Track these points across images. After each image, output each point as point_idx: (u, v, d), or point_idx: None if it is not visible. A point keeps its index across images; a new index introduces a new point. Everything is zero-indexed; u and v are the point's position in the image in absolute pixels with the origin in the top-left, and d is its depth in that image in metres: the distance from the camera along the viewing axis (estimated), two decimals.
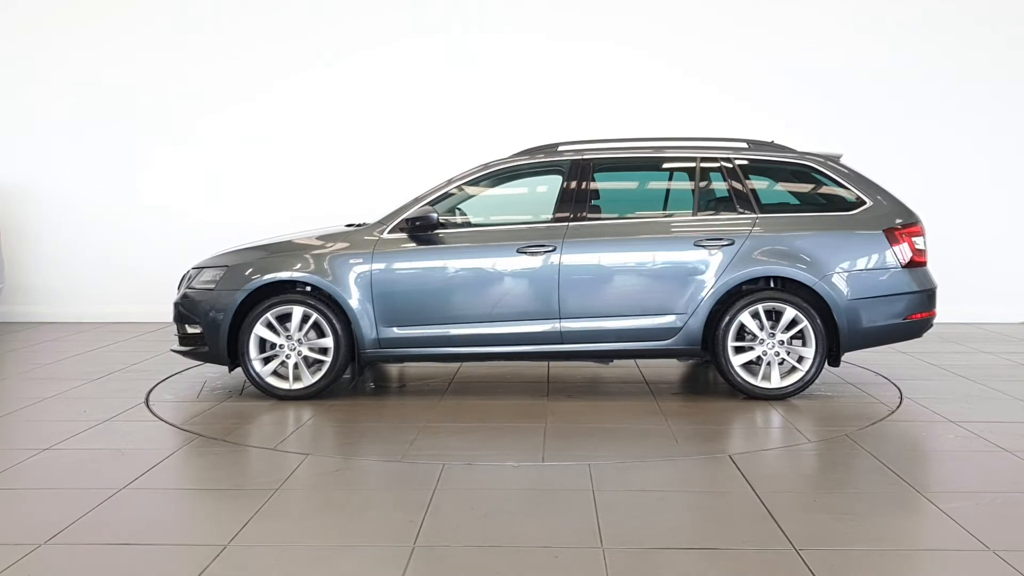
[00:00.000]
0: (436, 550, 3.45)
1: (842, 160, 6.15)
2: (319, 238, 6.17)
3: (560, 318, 5.82)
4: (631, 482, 4.28)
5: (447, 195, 6.09)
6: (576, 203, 5.94)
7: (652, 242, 5.87)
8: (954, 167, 9.41)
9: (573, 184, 5.99)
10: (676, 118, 8.90)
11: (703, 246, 5.78)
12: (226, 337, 5.91)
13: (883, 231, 5.78)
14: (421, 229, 5.90)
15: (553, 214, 5.94)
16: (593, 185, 6.03)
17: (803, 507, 3.91)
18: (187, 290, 6.18)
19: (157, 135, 9.85)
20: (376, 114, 9.72)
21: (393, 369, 7.06)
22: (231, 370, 6.14)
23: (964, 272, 8.91)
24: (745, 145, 6.14)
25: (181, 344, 6.21)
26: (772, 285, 5.84)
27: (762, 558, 3.36)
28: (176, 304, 6.21)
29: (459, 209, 6.35)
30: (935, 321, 6.07)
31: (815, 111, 9.35)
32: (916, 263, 5.81)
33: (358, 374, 6.32)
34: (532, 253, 5.82)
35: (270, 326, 5.91)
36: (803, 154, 6.09)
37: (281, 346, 5.92)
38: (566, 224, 5.87)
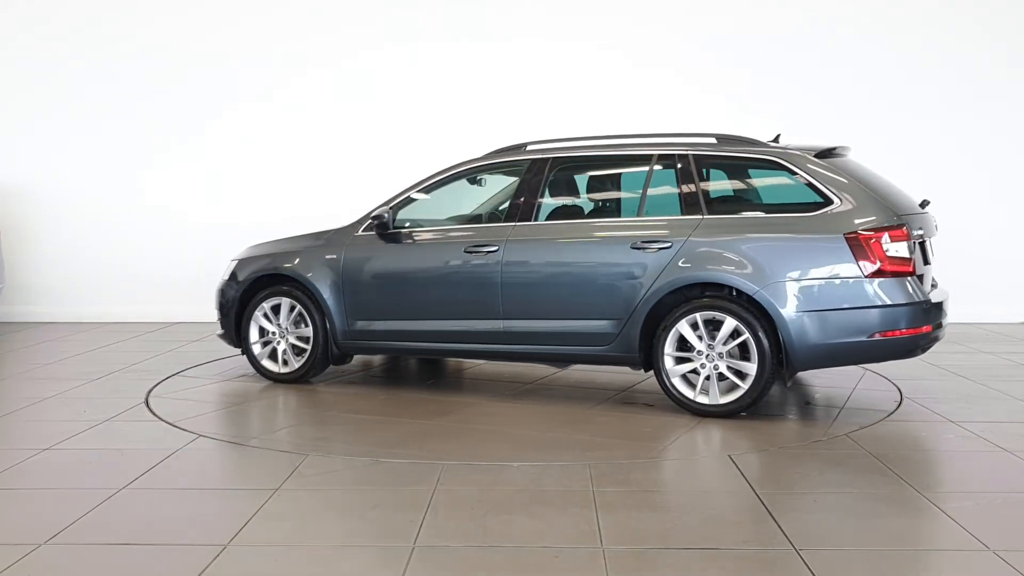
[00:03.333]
0: (436, 550, 3.45)
1: (847, 155, 5.74)
2: (313, 236, 6.52)
3: (503, 318, 5.80)
4: (631, 482, 4.28)
5: (415, 196, 6.24)
6: (525, 203, 5.88)
7: (590, 244, 5.67)
8: (954, 167, 9.40)
9: (525, 185, 5.93)
10: (673, 122, 8.90)
11: (640, 249, 5.45)
12: (234, 323, 6.54)
13: (844, 235, 5.10)
14: (381, 228, 6.15)
15: (505, 214, 5.97)
16: (545, 186, 5.92)
17: (803, 507, 3.91)
18: (221, 280, 6.74)
19: (157, 135, 9.85)
20: (376, 115, 9.72)
21: (452, 364, 7.14)
22: (243, 353, 6.61)
23: (964, 272, 8.90)
24: (714, 141, 5.69)
25: (220, 328, 6.74)
26: (734, 293, 5.31)
27: (762, 558, 3.36)
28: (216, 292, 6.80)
29: (496, 207, 6.40)
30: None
31: (814, 111, 9.33)
32: (887, 272, 5.07)
33: (334, 363, 6.54)
34: (477, 253, 5.84)
35: (267, 315, 6.43)
36: (772, 149, 5.51)
37: (273, 334, 6.45)
38: (512, 225, 5.85)
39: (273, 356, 6.46)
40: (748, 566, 3.29)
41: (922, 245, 5.40)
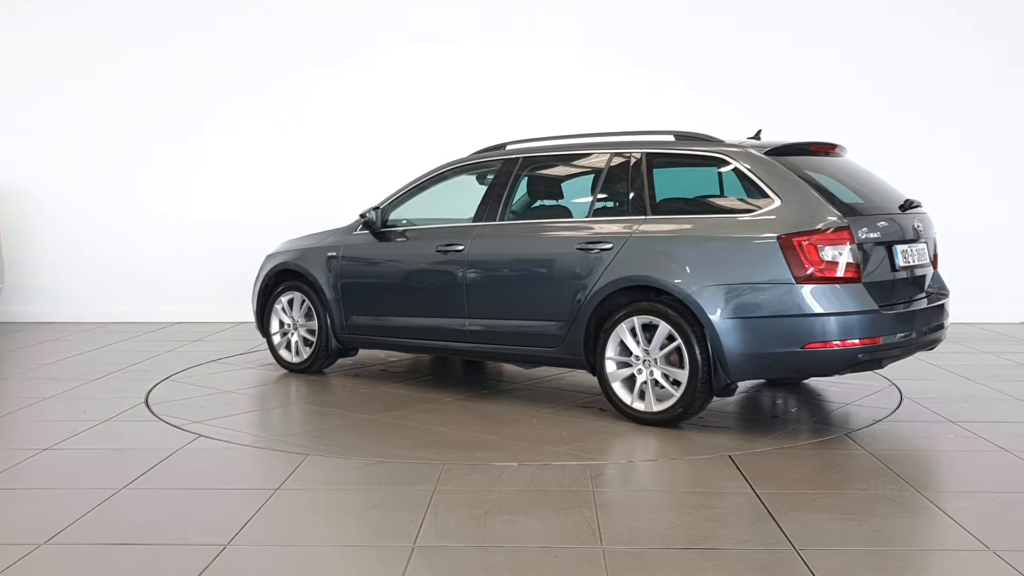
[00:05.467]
0: (436, 550, 3.45)
1: (844, 154, 5.54)
2: (325, 234, 6.82)
3: (467, 316, 5.86)
4: (631, 482, 4.28)
5: (405, 195, 6.43)
6: (491, 204, 5.92)
7: (542, 244, 5.61)
8: (954, 167, 9.41)
9: (493, 185, 5.98)
10: (662, 121, 8.90)
11: (584, 250, 5.33)
12: (258, 315, 7.05)
13: (777, 237, 4.76)
14: (367, 227, 6.44)
15: (474, 214, 6.01)
16: (509, 185, 5.91)
17: (803, 507, 3.90)
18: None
19: (157, 135, 9.86)
20: (377, 115, 9.73)
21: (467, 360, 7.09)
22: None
23: (964, 272, 8.90)
24: (671, 139, 5.47)
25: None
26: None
27: (762, 558, 3.36)
28: None
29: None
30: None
31: (806, 112, 9.33)
32: (823, 278, 4.69)
33: (341, 356, 6.84)
34: (446, 252, 5.92)
35: (284, 309, 6.85)
36: (720, 146, 5.25)
37: (289, 325, 6.85)
38: (477, 224, 5.90)
39: (290, 347, 6.88)
40: (748, 566, 3.29)
41: (889, 249, 5.01)
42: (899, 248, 5.07)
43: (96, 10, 9.81)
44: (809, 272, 4.70)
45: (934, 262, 5.54)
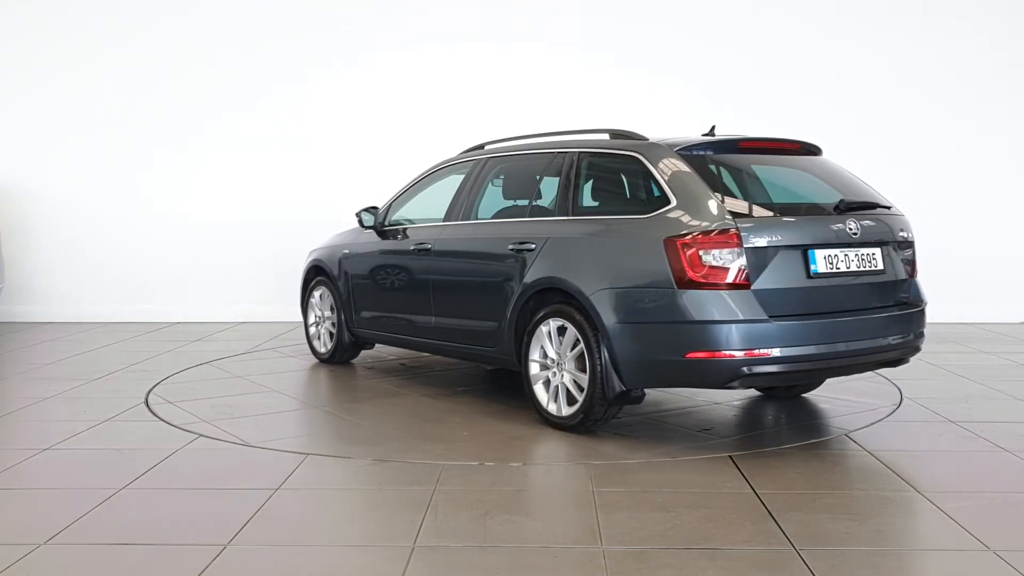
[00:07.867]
0: (436, 550, 3.45)
1: (824, 155, 5.32)
2: (345, 233, 7.12)
3: (433, 314, 5.98)
4: (631, 482, 4.28)
5: (401, 195, 6.66)
6: (457, 204, 6.04)
7: (487, 244, 5.61)
8: (954, 167, 9.42)
9: (461, 185, 6.08)
10: (657, 121, 8.92)
11: (515, 250, 5.32)
12: (302, 307, 7.49)
13: (664, 240, 4.56)
14: (362, 226, 6.75)
15: (444, 215, 6.12)
16: (472, 186, 5.98)
17: (803, 507, 3.90)
18: None
19: (158, 135, 9.86)
20: (377, 116, 9.73)
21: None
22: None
23: (964, 272, 8.91)
24: (606, 137, 5.38)
25: None
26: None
27: (762, 558, 3.36)
28: None
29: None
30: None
31: (805, 112, 9.34)
32: (703, 284, 4.43)
33: (362, 348, 7.18)
34: (419, 252, 6.11)
35: (316, 303, 7.26)
36: (636, 144, 5.08)
37: (319, 318, 7.26)
38: (443, 224, 6.04)
39: (319, 338, 7.33)
40: (748, 566, 3.29)
41: (804, 253, 4.61)
42: (820, 252, 4.64)
43: (96, 10, 9.81)
44: (691, 276, 4.45)
45: (911, 269, 5.14)
